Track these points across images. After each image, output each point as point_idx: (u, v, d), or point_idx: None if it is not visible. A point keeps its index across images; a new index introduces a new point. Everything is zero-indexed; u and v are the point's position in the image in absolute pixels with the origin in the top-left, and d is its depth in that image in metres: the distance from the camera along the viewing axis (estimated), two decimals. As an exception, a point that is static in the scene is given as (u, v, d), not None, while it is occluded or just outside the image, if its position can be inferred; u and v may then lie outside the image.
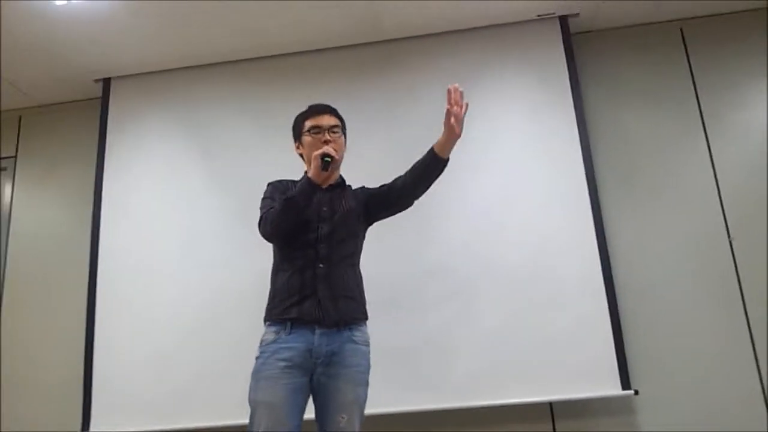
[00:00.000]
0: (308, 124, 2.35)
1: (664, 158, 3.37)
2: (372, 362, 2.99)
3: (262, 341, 2.16)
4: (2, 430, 3.46)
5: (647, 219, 3.31)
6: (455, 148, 2.79)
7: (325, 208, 2.29)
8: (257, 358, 2.13)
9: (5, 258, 3.76)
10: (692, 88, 3.44)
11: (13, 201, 3.88)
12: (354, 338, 2.14)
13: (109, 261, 3.49)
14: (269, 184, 2.42)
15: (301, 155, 2.39)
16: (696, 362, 3.09)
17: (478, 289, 3.16)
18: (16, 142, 3.99)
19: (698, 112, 3.41)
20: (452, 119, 2.20)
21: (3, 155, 3.97)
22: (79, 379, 3.30)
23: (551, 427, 3.10)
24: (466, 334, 3.11)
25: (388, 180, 2.65)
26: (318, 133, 2.31)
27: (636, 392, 2.98)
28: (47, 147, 3.95)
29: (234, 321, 3.24)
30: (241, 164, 3.54)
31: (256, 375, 2.10)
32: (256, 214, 3.38)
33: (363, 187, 2.44)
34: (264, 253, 3.34)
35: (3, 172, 3.96)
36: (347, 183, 2.46)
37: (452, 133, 2.22)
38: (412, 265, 3.24)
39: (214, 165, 3.58)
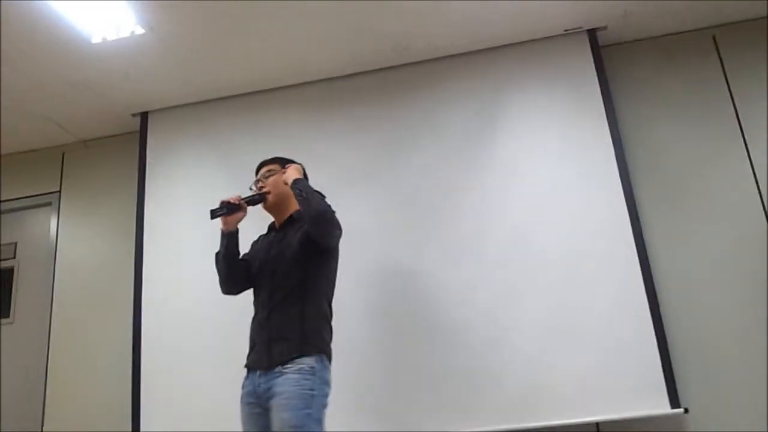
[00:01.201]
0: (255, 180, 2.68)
1: (703, 169, 3.30)
2: (408, 387, 3.02)
3: None
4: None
5: (689, 232, 3.23)
6: (483, 169, 2.81)
7: (273, 249, 2.50)
8: None
9: (53, 290, 3.87)
10: (728, 95, 3.37)
11: (59, 234, 3.99)
12: (284, 371, 2.25)
13: (152, 290, 3.56)
14: None
15: None
16: (748, 376, 2.99)
17: (515, 311, 3.12)
18: (59, 178, 4.12)
19: (735, 119, 3.33)
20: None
21: (47, 191, 4.11)
22: (127, 407, 3.36)
23: (598, 446, 3.05)
24: (505, 357, 3.07)
25: (415, 207, 2.73)
26: (256, 184, 2.64)
27: (686, 410, 2.90)
28: (89, 181, 4.06)
29: None
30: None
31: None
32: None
33: None
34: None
35: (48, 207, 4.09)
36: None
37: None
38: (444, 288, 3.22)
39: (248, 192, 3.63)
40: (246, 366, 2.41)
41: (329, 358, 2.36)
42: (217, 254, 2.55)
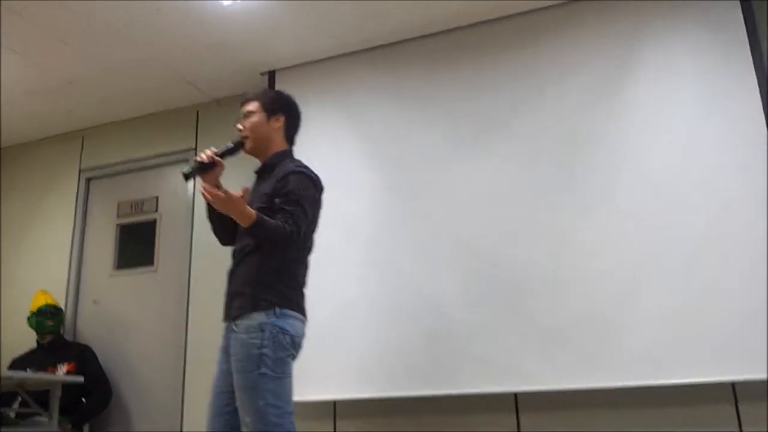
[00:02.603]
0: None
1: None
2: (534, 340, 3.05)
3: None
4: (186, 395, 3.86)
5: None
6: (617, 118, 3.06)
7: (252, 196, 2.39)
8: None
9: (191, 240, 4.14)
10: None
11: (195, 189, 4.25)
12: (235, 329, 2.23)
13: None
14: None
15: None
16: None
17: (651, 261, 3.01)
18: (195, 135, 4.37)
19: None
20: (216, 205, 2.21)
21: (184, 148, 4.38)
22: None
23: (734, 408, 2.91)
24: (639, 309, 2.98)
25: (544, 158, 2.98)
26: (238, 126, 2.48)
27: (834, 376, 2.72)
28: (222, 137, 4.19)
29: (389, 299, 3.41)
30: (399, 149, 3.65)
31: None
32: (413, 193, 3.52)
33: (288, 177, 2.34)
34: (421, 233, 3.44)
35: (185, 163, 4.35)
36: (290, 164, 2.41)
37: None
38: (579, 237, 3.17)
39: (372, 150, 3.71)
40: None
41: (293, 307, 2.29)
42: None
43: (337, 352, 3.41)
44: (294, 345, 2.26)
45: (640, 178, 3.14)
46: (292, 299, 2.31)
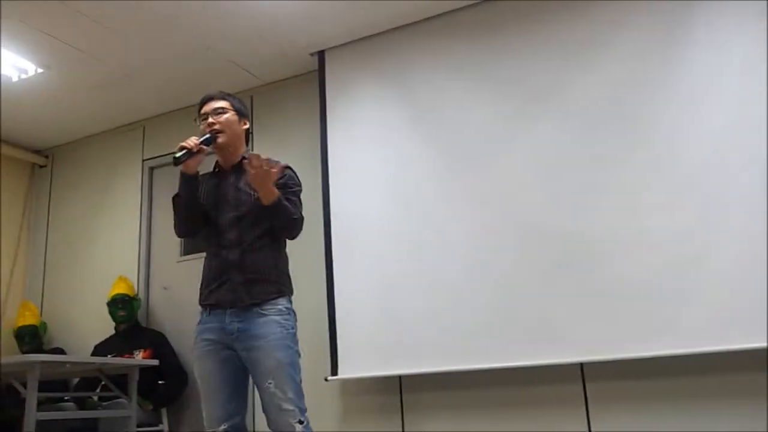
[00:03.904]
0: (200, 114, 2.51)
1: None
2: (597, 309, 3.01)
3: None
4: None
5: None
6: (675, 83, 2.96)
7: (231, 191, 2.43)
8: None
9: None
10: None
11: (254, 173, 4.31)
12: (264, 312, 2.31)
13: (338, 221, 3.77)
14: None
15: None
16: None
17: (714, 226, 2.91)
18: (251, 119, 4.39)
19: None
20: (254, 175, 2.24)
21: (241, 132, 4.42)
22: (326, 331, 3.63)
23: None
24: (704, 274, 2.89)
25: (593, 128, 2.95)
26: (204, 119, 2.47)
27: None
28: (277, 120, 4.33)
29: (450, 272, 3.40)
30: (453, 122, 3.60)
31: (193, 355, 2.42)
32: (467, 165, 3.47)
33: (284, 170, 2.44)
34: (477, 205, 3.34)
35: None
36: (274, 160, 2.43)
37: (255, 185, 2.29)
38: (637, 204, 3.09)
39: (426, 124, 3.67)
40: (209, 304, 2.39)
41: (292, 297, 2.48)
42: (175, 197, 2.48)
43: (399, 327, 3.45)
44: None
45: (696, 143, 3.02)
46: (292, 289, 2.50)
